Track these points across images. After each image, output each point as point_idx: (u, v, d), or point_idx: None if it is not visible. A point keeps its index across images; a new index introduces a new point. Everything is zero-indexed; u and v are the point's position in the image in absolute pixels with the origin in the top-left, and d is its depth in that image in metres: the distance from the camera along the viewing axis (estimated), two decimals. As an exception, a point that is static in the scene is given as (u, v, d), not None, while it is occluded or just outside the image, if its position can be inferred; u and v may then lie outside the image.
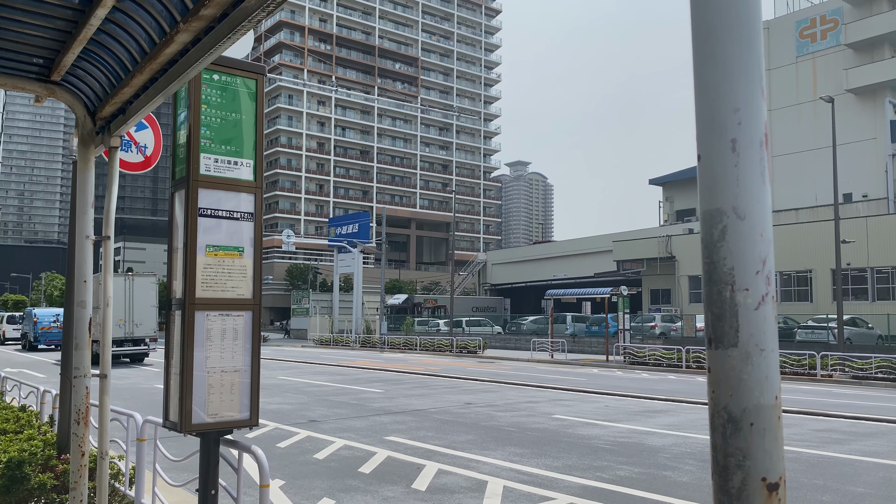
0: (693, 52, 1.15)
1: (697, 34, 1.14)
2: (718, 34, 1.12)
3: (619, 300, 30.17)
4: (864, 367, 21.30)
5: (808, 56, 47.44)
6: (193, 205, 3.81)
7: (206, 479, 3.87)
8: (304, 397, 15.42)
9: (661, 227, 54.07)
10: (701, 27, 1.13)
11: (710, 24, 1.12)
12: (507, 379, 20.55)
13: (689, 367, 24.98)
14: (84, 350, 4.09)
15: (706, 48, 1.13)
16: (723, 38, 1.11)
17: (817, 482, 7.67)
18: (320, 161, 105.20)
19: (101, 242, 4.21)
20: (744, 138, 1.10)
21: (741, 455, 1.06)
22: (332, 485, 7.33)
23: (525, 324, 44.34)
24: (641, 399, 15.81)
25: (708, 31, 1.13)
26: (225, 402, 3.84)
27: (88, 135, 4.17)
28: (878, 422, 12.54)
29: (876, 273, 34.09)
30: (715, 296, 1.10)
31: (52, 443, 5.93)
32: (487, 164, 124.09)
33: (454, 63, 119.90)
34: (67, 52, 3.43)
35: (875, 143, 43.79)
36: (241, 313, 3.91)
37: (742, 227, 1.09)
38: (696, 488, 7.30)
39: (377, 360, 30.11)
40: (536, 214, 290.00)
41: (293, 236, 54.41)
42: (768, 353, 1.08)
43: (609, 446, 9.74)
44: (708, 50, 1.13)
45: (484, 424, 11.67)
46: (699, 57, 1.13)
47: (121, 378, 19.51)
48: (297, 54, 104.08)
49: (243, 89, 4.03)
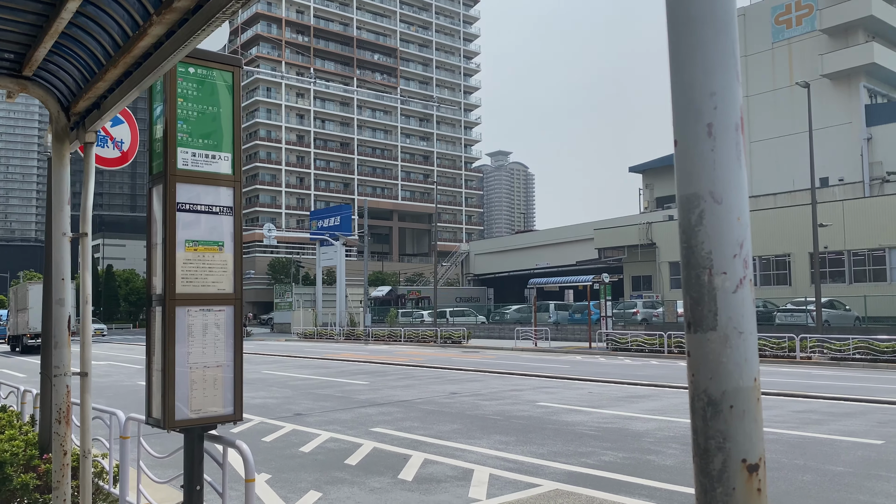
0: (668, 38, 1.15)
1: (673, 20, 1.14)
2: (694, 19, 1.12)
3: (601, 288, 30.36)
4: (843, 348, 21.61)
5: (783, 42, 47.80)
6: (171, 200, 3.78)
7: (191, 475, 3.85)
8: (289, 391, 15.38)
9: (642, 215, 54.43)
10: (676, 12, 1.14)
11: (686, 9, 1.13)
12: (491, 368, 20.62)
13: (671, 353, 25.21)
14: (64, 348, 4.05)
15: (681, 33, 1.13)
16: (698, 23, 1.11)
17: (798, 462, 7.78)
18: (300, 154, 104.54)
19: (79, 240, 4.16)
20: (720, 123, 1.10)
21: (721, 437, 1.07)
22: (319, 477, 7.33)
23: (508, 313, 44.49)
24: (624, 385, 15.94)
25: (683, 17, 1.13)
26: (208, 398, 3.82)
27: (63, 130, 4.11)
28: (856, 402, 12.74)
29: (853, 256, 34.56)
30: (693, 280, 1.11)
31: (34, 442, 5.86)
32: (468, 154, 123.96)
33: (433, 53, 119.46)
34: (39, 47, 3.38)
35: (850, 128, 44.29)
36: (222, 308, 3.89)
37: (719, 211, 1.10)
38: (679, 471, 7.38)
39: (362, 353, 30.08)
40: (518, 204, 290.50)
41: (274, 230, 54.08)
42: (747, 335, 1.09)
43: (593, 432, 9.81)
44: (683, 35, 1.13)
45: (469, 413, 11.71)
46: (675, 42, 1.14)
47: (103, 376, 19.35)
48: (274, 46, 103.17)
49: (220, 82, 3.99)
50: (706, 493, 1.09)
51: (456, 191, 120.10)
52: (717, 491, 1.07)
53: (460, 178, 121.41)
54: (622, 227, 46.37)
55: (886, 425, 10.20)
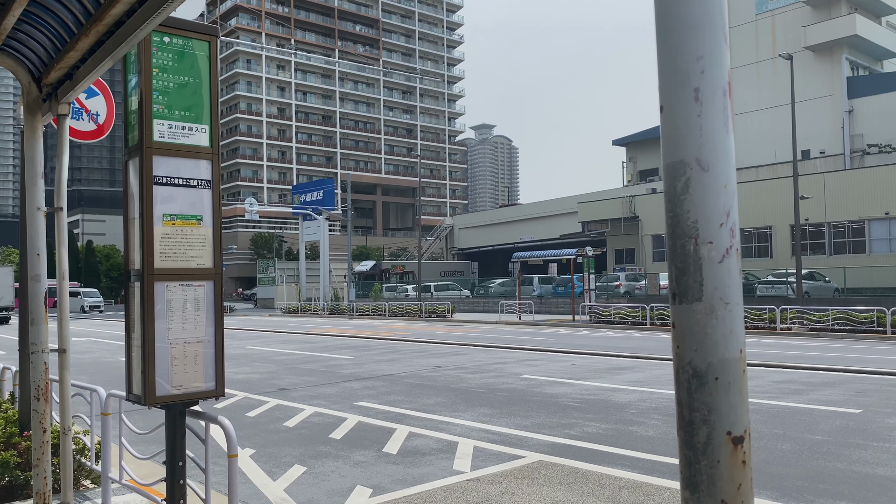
0: (654, 0, 1.11)
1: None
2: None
3: (585, 261, 30.48)
4: (822, 319, 21.92)
5: (767, 14, 47.72)
6: (148, 173, 3.70)
7: (173, 451, 3.83)
8: (273, 366, 15.36)
9: (625, 188, 54.56)
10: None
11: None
12: (475, 341, 20.71)
13: (653, 325, 25.45)
14: (40, 325, 3.99)
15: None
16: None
17: (777, 432, 7.90)
18: (282, 127, 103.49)
19: (55, 214, 4.07)
20: (707, 87, 1.07)
21: (706, 410, 1.06)
22: (303, 451, 7.34)
23: (493, 287, 44.65)
24: (607, 357, 16.08)
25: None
26: (189, 374, 3.78)
27: (34, 102, 4.00)
28: (834, 372, 12.94)
29: (833, 228, 34.92)
30: (679, 250, 1.08)
31: (14, 420, 5.81)
32: (452, 127, 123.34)
33: (416, 25, 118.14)
34: (7, 15, 3.27)
35: (832, 100, 44.48)
36: (202, 283, 3.83)
37: (706, 179, 1.07)
38: (661, 442, 7.47)
39: (346, 328, 30.10)
40: (502, 178, 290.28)
41: (256, 205, 53.67)
42: (733, 306, 1.07)
43: (576, 404, 9.90)
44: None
45: (454, 387, 11.76)
46: (661, 4, 1.10)
47: (84, 352, 19.22)
48: (254, 17, 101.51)
49: (196, 52, 3.89)
50: (690, 465, 1.07)
51: (440, 164, 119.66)
52: (702, 464, 1.06)
53: (444, 151, 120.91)
54: (605, 200, 46.49)
55: (864, 394, 10.38)
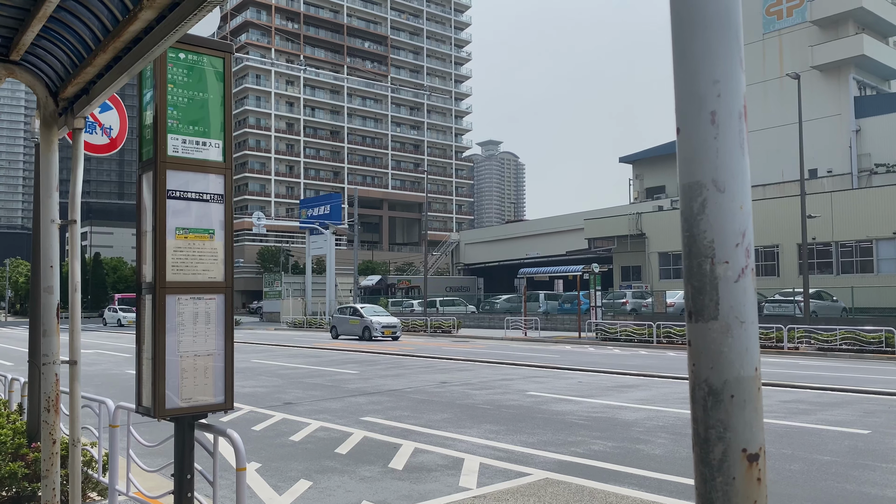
0: (671, 24, 1.14)
1: (676, 5, 1.13)
2: (697, 5, 1.11)
3: (591, 277, 30.45)
4: (829, 338, 21.80)
5: (774, 33, 47.86)
6: (161, 187, 3.74)
7: (182, 464, 3.84)
8: (279, 380, 15.35)
9: (632, 205, 54.52)
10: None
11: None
12: (481, 357, 20.66)
13: (659, 342, 25.34)
14: (52, 336, 4.01)
15: (684, 20, 1.12)
16: (702, 8, 1.10)
17: (786, 451, 7.85)
18: (290, 142, 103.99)
19: (68, 227, 4.11)
20: (723, 110, 1.09)
21: (722, 427, 1.07)
22: (309, 466, 7.33)
23: (498, 302, 44.57)
24: (614, 374, 16.01)
25: (687, 3, 1.11)
26: (199, 387, 3.79)
27: (51, 116, 4.05)
28: (842, 392, 12.86)
29: (840, 247, 34.79)
30: (695, 269, 1.10)
31: (22, 431, 5.83)
32: (459, 143, 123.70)
33: (424, 41, 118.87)
34: (27, 31, 3.32)
35: (839, 120, 44.47)
36: (213, 296, 3.86)
37: (722, 200, 1.09)
38: (669, 461, 7.43)
39: (351, 342, 30.07)
40: (508, 194, 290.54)
41: (264, 218, 53.81)
42: (748, 325, 1.09)
43: (583, 421, 9.86)
44: (686, 21, 1.12)
45: (459, 403, 11.73)
46: (678, 29, 1.12)
47: (91, 364, 19.25)
48: (264, 33, 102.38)
49: (210, 68, 3.95)
50: (706, 482, 1.08)
51: (446, 180, 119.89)
52: (717, 480, 1.07)
53: (451, 167, 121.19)
54: (612, 217, 46.47)
55: (873, 415, 10.31)
